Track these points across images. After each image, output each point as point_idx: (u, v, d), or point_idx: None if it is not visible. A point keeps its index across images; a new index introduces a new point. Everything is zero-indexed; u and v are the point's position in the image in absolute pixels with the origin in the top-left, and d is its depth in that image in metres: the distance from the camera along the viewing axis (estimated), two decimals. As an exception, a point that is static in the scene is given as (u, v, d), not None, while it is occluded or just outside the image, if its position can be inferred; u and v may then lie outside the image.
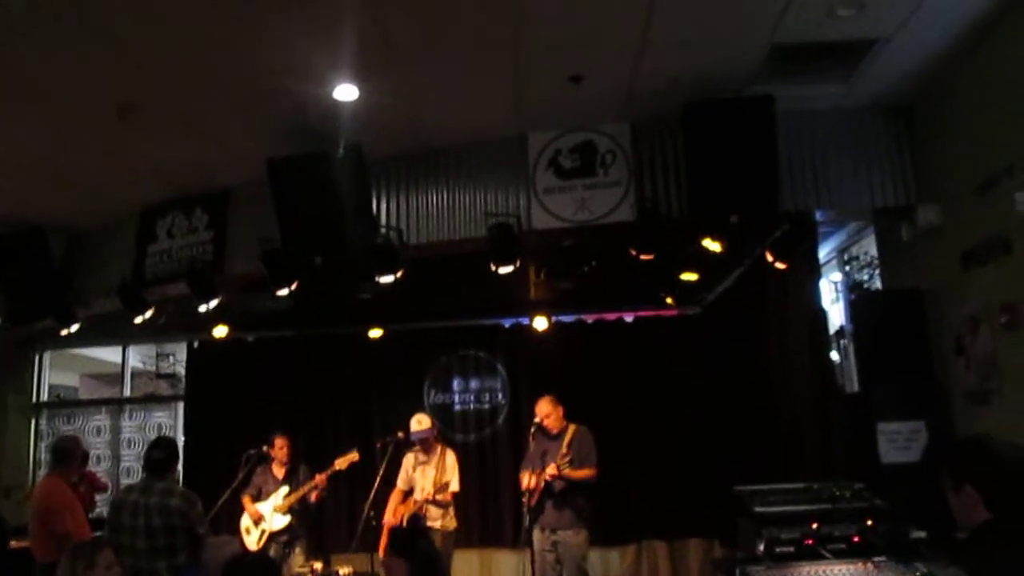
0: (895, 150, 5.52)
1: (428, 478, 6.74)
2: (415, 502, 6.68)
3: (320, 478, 6.86)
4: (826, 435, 5.78)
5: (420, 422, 6.90)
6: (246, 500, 6.94)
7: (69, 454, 6.17)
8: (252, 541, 6.84)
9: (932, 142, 5.27)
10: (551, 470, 6.07)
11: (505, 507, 8.85)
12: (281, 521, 6.84)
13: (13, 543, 6.98)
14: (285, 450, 7.04)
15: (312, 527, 7.57)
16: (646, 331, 9.20)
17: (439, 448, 6.93)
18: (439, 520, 6.60)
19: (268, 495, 6.93)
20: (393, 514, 6.77)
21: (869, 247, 6.49)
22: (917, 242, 5.36)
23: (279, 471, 7.02)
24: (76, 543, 3.77)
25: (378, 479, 6.76)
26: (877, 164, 5.52)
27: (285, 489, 6.92)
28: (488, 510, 8.95)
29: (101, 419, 10.10)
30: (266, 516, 6.85)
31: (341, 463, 6.89)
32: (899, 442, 5.14)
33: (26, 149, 5.75)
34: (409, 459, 6.94)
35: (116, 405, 10.18)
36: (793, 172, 5.43)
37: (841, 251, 6.98)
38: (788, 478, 4.69)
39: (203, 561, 4.52)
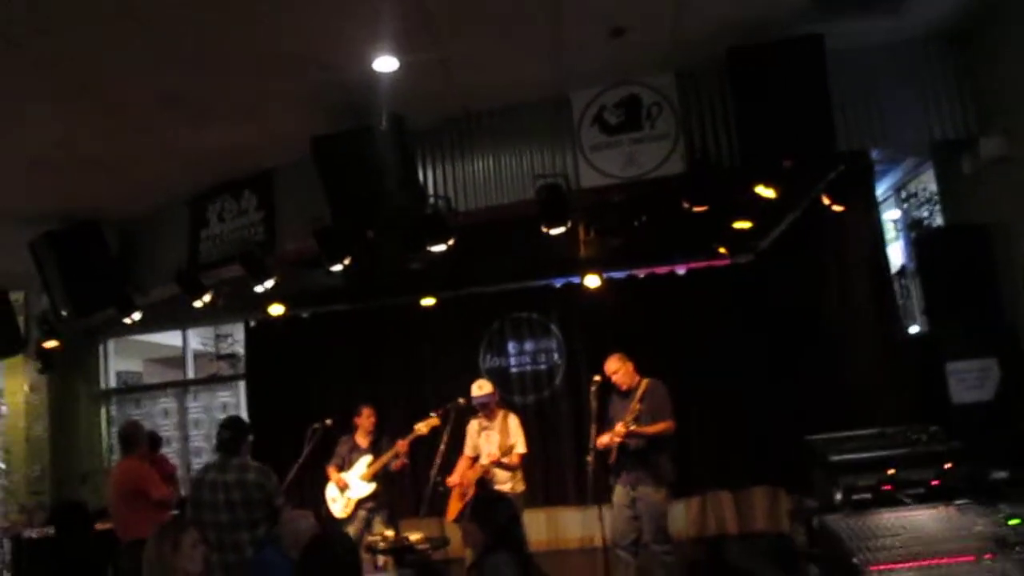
0: (952, 80, 5.31)
1: (492, 443, 6.81)
2: (481, 466, 6.76)
3: (402, 444, 6.96)
4: (893, 378, 5.66)
5: (481, 387, 6.96)
6: (331, 470, 7.11)
7: (134, 438, 6.54)
8: (339, 509, 7.02)
9: (993, 69, 5.06)
10: (619, 429, 6.06)
11: (567, 466, 8.88)
12: (367, 488, 6.99)
13: (97, 525, 7.28)
14: (372, 419, 7.19)
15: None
16: (699, 283, 9.09)
17: (501, 412, 6.99)
18: (508, 483, 6.67)
19: (352, 464, 7.07)
20: (462, 478, 6.87)
21: (928, 183, 6.30)
22: (980, 175, 5.18)
23: (363, 440, 7.17)
24: (161, 524, 3.86)
25: (443, 445, 6.86)
26: (934, 96, 5.33)
27: (369, 458, 7.04)
28: (551, 470, 8.99)
29: (167, 402, 10.36)
30: (352, 484, 7.00)
31: (422, 427, 6.98)
32: (970, 381, 5.01)
33: (77, 145, 5.84)
34: (473, 425, 7.02)
35: (180, 388, 10.43)
36: (846, 111, 5.26)
37: (898, 188, 6.80)
38: (854, 424, 4.60)
39: (278, 534, 4.63)
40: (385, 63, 5.04)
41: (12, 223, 7.15)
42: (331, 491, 7.13)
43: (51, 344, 8.21)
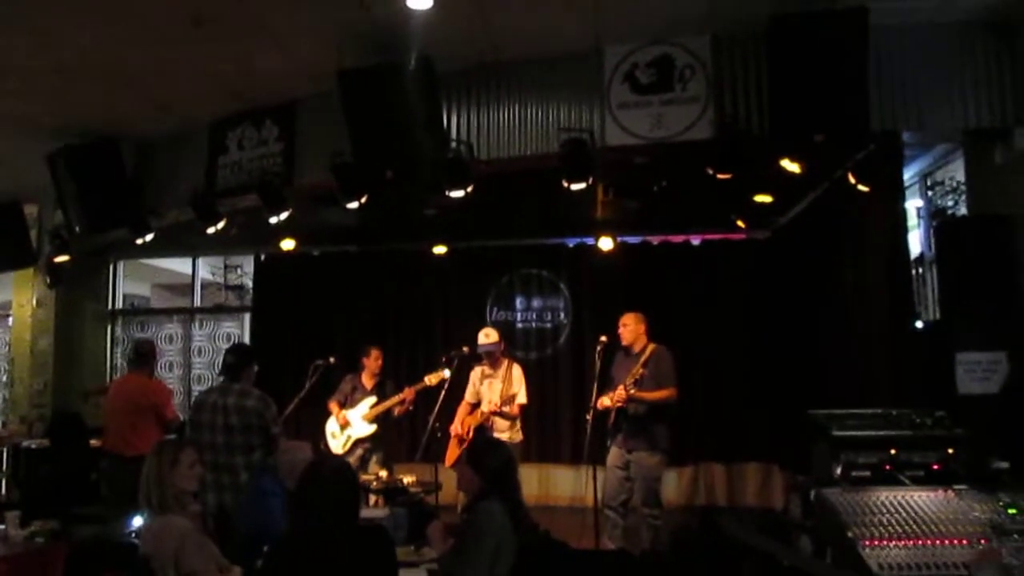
0: (993, 68, 5.21)
1: (495, 391, 6.84)
2: (482, 413, 6.80)
3: (409, 392, 6.99)
4: (900, 363, 5.63)
5: (488, 335, 6.97)
6: (333, 406, 7.17)
7: (149, 355, 6.64)
8: (337, 445, 7.09)
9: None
10: (620, 393, 6.04)
11: (564, 424, 8.97)
12: (367, 429, 7.05)
13: (92, 442, 7.34)
14: (379, 362, 7.21)
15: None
16: (713, 254, 9.06)
17: (505, 362, 7.01)
18: (506, 432, 6.70)
19: (355, 403, 7.11)
20: (461, 424, 6.92)
21: (955, 172, 6.22)
22: (1012, 166, 5.11)
23: (368, 382, 7.20)
24: (160, 442, 3.89)
25: (444, 392, 6.88)
26: (972, 83, 5.23)
27: (373, 399, 7.09)
28: (547, 427, 9.07)
29: (173, 327, 10.42)
30: (353, 423, 7.06)
31: (432, 379, 6.99)
32: (978, 372, 4.99)
33: (102, 56, 5.78)
34: (476, 372, 7.05)
35: (187, 314, 10.48)
36: (882, 90, 5.17)
37: (924, 176, 6.72)
38: (858, 407, 4.59)
39: (275, 463, 4.67)
40: (420, 0, 4.96)
41: (32, 134, 7.13)
42: (331, 426, 7.20)
43: (61, 259, 8.22)
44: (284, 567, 3.11)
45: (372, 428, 7.07)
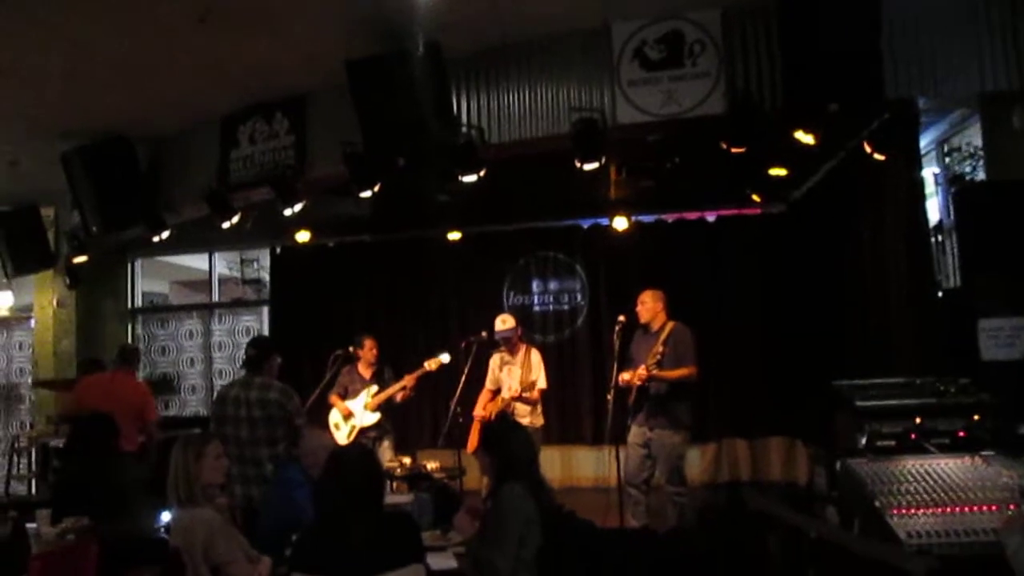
0: (1009, 31, 5.12)
1: (514, 377, 6.85)
2: (503, 400, 6.81)
3: (409, 379, 7.03)
4: (922, 333, 5.59)
5: (504, 321, 6.98)
6: (335, 398, 7.18)
7: (134, 357, 7.18)
8: (342, 436, 7.11)
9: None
10: (641, 372, 6.01)
11: (584, 406, 8.98)
12: (371, 418, 7.08)
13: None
14: (375, 351, 7.23)
15: (398, 424, 7.81)
16: (729, 230, 9.01)
17: (523, 348, 7.02)
18: (527, 417, 6.71)
19: (356, 394, 7.14)
20: (483, 410, 6.95)
21: (972, 137, 6.14)
22: (1029, 130, 5.04)
23: (366, 371, 7.22)
24: (185, 436, 3.91)
25: (463, 378, 6.91)
26: (988, 47, 5.14)
27: (374, 388, 7.11)
28: (567, 409, 9.07)
29: (192, 323, 10.50)
30: (355, 412, 7.09)
31: (431, 364, 7.03)
32: (1001, 339, 4.94)
33: (111, 57, 5.80)
34: (495, 359, 7.06)
35: (206, 310, 10.55)
36: (896, 57, 5.10)
37: (941, 142, 6.63)
38: (879, 377, 4.56)
39: (299, 453, 4.70)
40: (425, -15, 4.95)
41: (45, 137, 7.18)
42: (334, 417, 7.20)
43: (80, 259, 8.29)
44: (312, 554, 3.13)
45: (376, 416, 7.08)
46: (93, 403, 6.58)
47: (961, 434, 3.61)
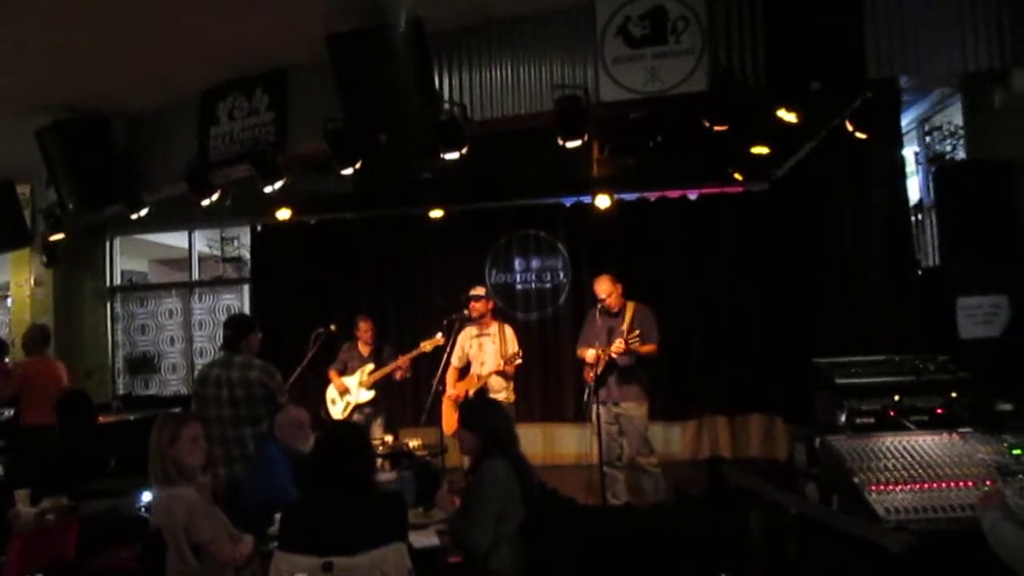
0: (991, 10, 5.11)
1: (487, 352, 6.85)
2: (479, 376, 6.81)
3: (403, 359, 7.11)
4: (902, 311, 5.64)
5: (476, 290, 7.03)
6: (333, 373, 7.30)
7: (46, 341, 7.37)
8: (337, 411, 7.21)
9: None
10: (619, 346, 6.13)
11: (567, 383, 9.00)
12: (366, 395, 7.17)
13: (99, 418, 7.38)
14: (369, 332, 7.35)
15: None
16: (711, 208, 9.02)
17: (495, 323, 7.03)
18: (503, 392, 6.75)
19: (354, 371, 7.24)
20: (454, 388, 6.94)
21: (953, 116, 6.17)
22: (1010, 109, 5.05)
23: (364, 349, 7.36)
24: (162, 415, 3.87)
25: (445, 356, 6.90)
26: (970, 25, 5.13)
27: (371, 366, 7.18)
28: (550, 386, 9.13)
29: (172, 302, 10.43)
30: (351, 389, 7.15)
31: (426, 346, 7.10)
32: (979, 317, 4.99)
33: (88, 31, 5.69)
34: (464, 335, 7.03)
35: (185, 288, 10.47)
36: (878, 35, 5.09)
37: (922, 121, 6.66)
38: (859, 355, 4.61)
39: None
40: (407, -42, 4.88)
41: (20, 112, 7.04)
42: (331, 392, 7.32)
43: (57, 237, 8.18)
44: (300, 530, 3.13)
45: (371, 394, 7.19)
46: (40, 387, 6.98)
47: (939, 411, 3.65)
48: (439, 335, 7.05)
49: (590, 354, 6.31)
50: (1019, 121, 5.01)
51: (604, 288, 6.43)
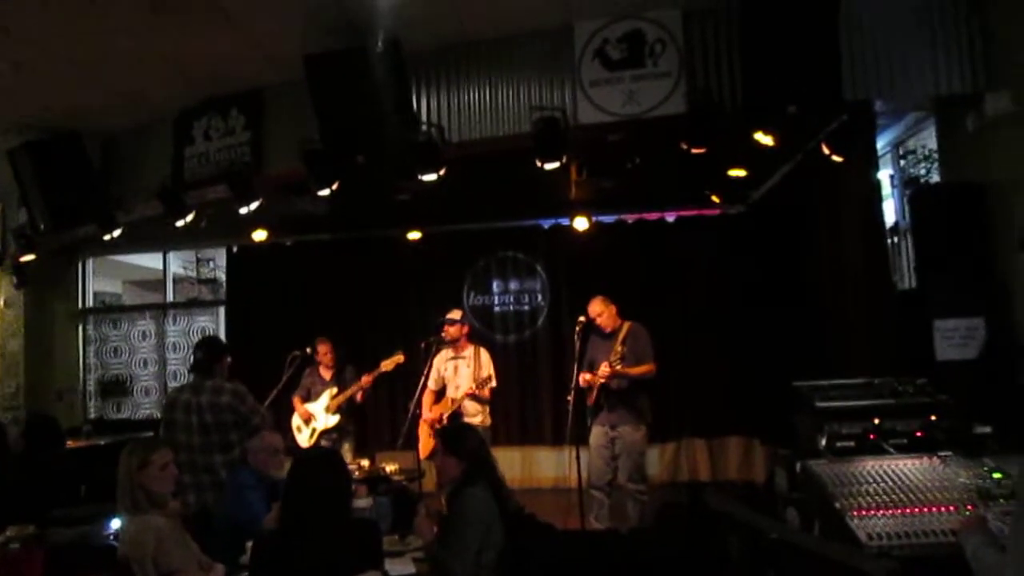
0: (963, 35, 5.18)
1: (462, 375, 6.79)
2: (453, 400, 6.74)
3: (366, 379, 7.04)
4: (879, 333, 5.65)
5: (452, 313, 6.96)
6: (296, 401, 7.16)
7: None
8: (304, 439, 7.08)
9: (1004, 24, 4.94)
10: (604, 370, 6.08)
11: (545, 406, 8.97)
12: (331, 420, 7.06)
13: (69, 443, 7.23)
14: (329, 355, 7.24)
15: (358, 426, 7.77)
16: (688, 231, 9.06)
17: (471, 346, 6.98)
18: (478, 416, 6.68)
19: (317, 396, 7.14)
20: (431, 412, 6.86)
21: (927, 140, 6.24)
22: (983, 133, 5.10)
23: (326, 373, 7.23)
24: (133, 441, 3.79)
25: (423, 379, 6.83)
26: (943, 49, 5.20)
27: (333, 390, 7.09)
28: (528, 410, 9.08)
29: (146, 324, 10.27)
30: (316, 415, 7.06)
31: (387, 365, 7.02)
32: (955, 339, 5.01)
33: (61, 49, 5.62)
34: (440, 358, 6.96)
35: (159, 310, 10.33)
36: (854, 60, 5.15)
37: (896, 145, 6.73)
38: (837, 377, 4.60)
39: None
40: (385, -20, 4.86)
41: (-9, 131, 6.95)
42: (296, 421, 7.21)
43: (28, 258, 8.04)
44: (270, 560, 3.05)
45: (336, 418, 7.14)
46: None
47: (919, 434, 3.63)
48: (399, 354, 7.01)
49: (584, 377, 6.25)
50: (992, 144, 5.06)
51: (595, 309, 6.39)
